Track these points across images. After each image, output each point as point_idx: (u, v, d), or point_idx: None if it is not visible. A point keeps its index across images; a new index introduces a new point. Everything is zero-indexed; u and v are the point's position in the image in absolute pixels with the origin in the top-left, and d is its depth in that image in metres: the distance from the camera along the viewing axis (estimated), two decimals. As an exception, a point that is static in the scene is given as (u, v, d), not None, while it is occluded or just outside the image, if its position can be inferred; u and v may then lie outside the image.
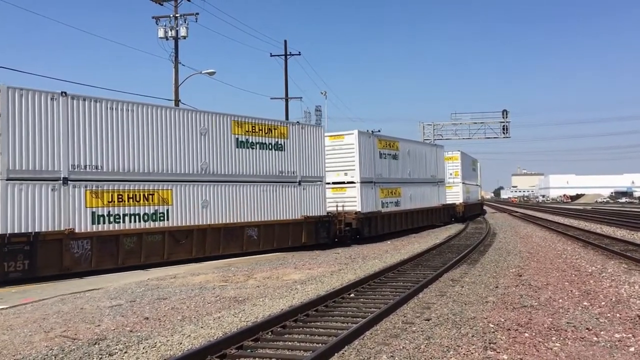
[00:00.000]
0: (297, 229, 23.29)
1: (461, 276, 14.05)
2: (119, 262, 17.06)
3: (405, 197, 32.21)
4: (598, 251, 19.29)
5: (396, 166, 31.44)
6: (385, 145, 30.26)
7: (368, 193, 27.59)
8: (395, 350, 7.36)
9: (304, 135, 24.07)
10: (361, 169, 27.19)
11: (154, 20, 31.84)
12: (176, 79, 31.75)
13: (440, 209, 38.09)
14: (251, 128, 21.84)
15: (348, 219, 26.10)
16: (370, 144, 28.47)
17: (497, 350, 7.34)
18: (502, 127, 61.84)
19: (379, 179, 29.08)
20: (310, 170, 24.15)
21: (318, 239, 24.05)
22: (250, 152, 21.71)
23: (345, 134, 27.68)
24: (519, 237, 26.68)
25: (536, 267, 15.61)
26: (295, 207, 23.30)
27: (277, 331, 8.63)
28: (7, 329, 9.40)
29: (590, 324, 8.74)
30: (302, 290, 12.56)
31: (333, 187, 27.15)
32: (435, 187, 37.38)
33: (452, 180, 44.89)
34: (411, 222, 33.15)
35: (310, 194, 23.99)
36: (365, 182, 27.41)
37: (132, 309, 10.85)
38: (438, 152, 39.01)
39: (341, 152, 27.41)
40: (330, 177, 26.75)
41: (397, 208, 30.89)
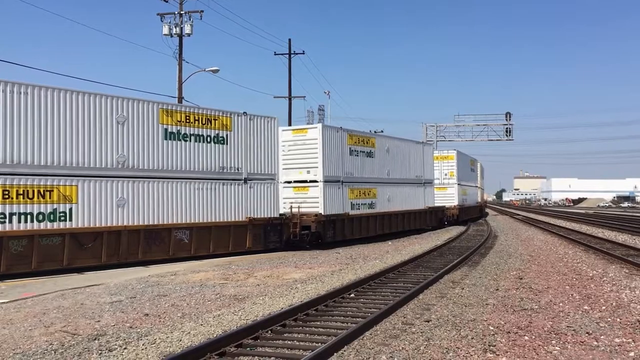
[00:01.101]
0: (240, 232, 20.98)
1: (462, 278, 14.03)
2: (2, 268, 14.91)
3: (382, 199, 29.45)
4: (599, 255, 19.26)
5: (371, 164, 28.77)
6: (357, 142, 27.60)
7: (333, 193, 25.15)
8: (394, 351, 7.36)
9: (252, 128, 21.76)
10: (325, 166, 24.66)
11: (159, 17, 31.91)
12: (180, 76, 31.78)
13: (426, 212, 35.12)
14: (184, 118, 19.51)
15: (306, 221, 23.72)
16: (338, 139, 25.83)
17: (496, 353, 7.33)
18: (505, 129, 61.89)
19: (349, 178, 26.51)
20: (259, 167, 21.93)
21: (267, 244, 21.84)
22: (182, 145, 19.37)
23: (309, 128, 25.54)
24: (520, 240, 26.65)
25: (537, 270, 15.59)
26: (238, 208, 21.03)
27: (277, 330, 8.63)
28: (7, 323, 9.42)
29: (591, 328, 8.73)
30: (302, 290, 12.56)
31: (295, 186, 25.03)
32: (420, 188, 34.49)
33: (446, 181, 42.56)
34: (389, 226, 30.23)
35: (258, 193, 21.75)
36: (331, 181, 24.99)
37: (132, 305, 10.86)
38: (425, 150, 36.11)
39: (304, 148, 24.88)
40: (293, 174, 25.00)
41: (371, 210, 28.20)
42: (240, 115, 21.49)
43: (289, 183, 24.95)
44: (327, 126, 25.91)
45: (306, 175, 24.76)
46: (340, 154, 26.02)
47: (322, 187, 24.37)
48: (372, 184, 28.60)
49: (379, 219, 29.06)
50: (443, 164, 42.52)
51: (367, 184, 28.14)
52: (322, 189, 24.37)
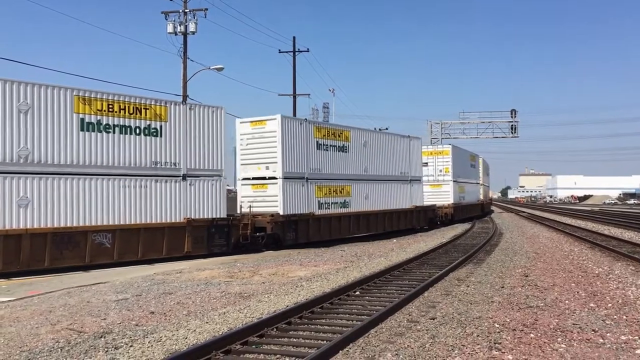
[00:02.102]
0: (177, 235, 18.74)
1: (467, 275, 14.02)
2: None
3: (358, 197, 27.24)
4: (605, 253, 19.19)
5: (345, 160, 26.48)
6: (326, 135, 25.32)
7: (296, 191, 23.07)
8: (400, 349, 7.36)
9: (193, 118, 19.62)
10: (286, 161, 22.62)
11: (164, 15, 31.96)
12: (184, 74, 31.84)
13: (412, 212, 32.41)
14: (107, 107, 17.30)
15: (261, 222, 21.79)
16: (302, 132, 23.73)
17: (502, 351, 7.32)
18: (510, 126, 61.70)
19: (316, 174, 24.33)
20: (202, 162, 19.78)
21: (211, 248, 19.72)
22: (104, 137, 17.21)
23: (268, 119, 23.02)
24: (525, 238, 26.59)
25: (543, 267, 15.56)
26: (175, 207, 18.85)
27: (282, 327, 8.63)
28: (13, 321, 9.47)
29: (597, 325, 8.70)
30: (307, 287, 12.57)
31: (254, 183, 23.15)
32: (406, 185, 31.92)
33: (441, 178, 39.85)
34: (366, 226, 27.94)
35: (200, 191, 19.61)
36: (292, 178, 22.96)
37: (138, 303, 10.90)
38: (412, 145, 33.19)
39: (263, 141, 22.90)
40: (251, 171, 23.16)
41: (344, 210, 26.03)
42: (177, 104, 19.50)
43: (247, 180, 23.28)
44: (288, 117, 23.61)
45: (265, 171, 22.88)
46: (306, 148, 23.88)
47: (282, 184, 22.44)
48: (345, 180, 26.40)
49: (354, 219, 26.85)
50: (437, 160, 40.01)
51: (339, 180, 25.95)
52: (282, 186, 22.43)
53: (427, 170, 38.88)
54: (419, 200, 33.61)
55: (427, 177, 38.79)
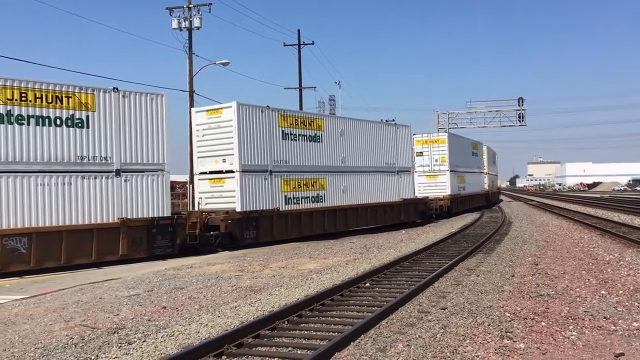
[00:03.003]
0: (109, 237, 16.84)
1: (477, 265, 14.01)
2: None
3: (334, 191, 25.23)
4: (615, 239, 19.11)
5: (317, 151, 24.57)
6: (294, 124, 23.39)
7: (256, 185, 21.28)
8: (411, 339, 7.38)
9: (128, 107, 17.66)
10: (243, 153, 20.82)
11: (168, 11, 31.96)
12: (190, 70, 31.85)
13: (400, 205, 30.09)
14: (19, 95, 15.55)
15: (214, 220, 20.09)
16: (264, 121, 21.89)
17: (513, 339, 7.32)
18: (517, 115, 61.27)
19: (281, 166, 22.50)
20: (140, 156, 17.89)
21: (152, 249, 17.79)
22: (15, 130, 15.45)
23: (223, 107, 21.31)
24: (535, 226, 26.51)
25: (553, 255, 15.52)
26: (107, 207, 16.96)
27: (294, 320, 8.67)
28: (27, 318, 9.56)
29: (608, 312, 8.68)
30: (317, 280, 12.61)
31: (211, 177, 21.54)
32: (392, 177, 29.70)
33: (437, 168, 37.58)
34: (344, 222, 25.78)
35: (137, 187, 17.69)
36: (252, 171, 21.19)
37: (150, 298, 10.98)
38: (400, 133, 30.90)
39: (219, 132, 21.17)
40: (208, 164, 21.54)
41: (317, 205, 24.09)
42: (107, 91, 17.32)
43: (204, 174, 21.74)
44: (246, 105, 21.39)
45: (222, 164, 21.17)
46: (269, 138, 22.07)
47: (239, 178, 20.63)
48: (318, 173, 24.48)
49: (329, 215, 24.84)
50: (433, 149, 37.65)
51: (310, 173, 24.04)
52: (239, 180, 20.62)
53: (422, 160, 37.61)
54: (409, 193, 31.42)
55: (422, 168, 37.43)
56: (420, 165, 37.39)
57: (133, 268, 15.93)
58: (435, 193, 36.54)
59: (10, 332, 8.55)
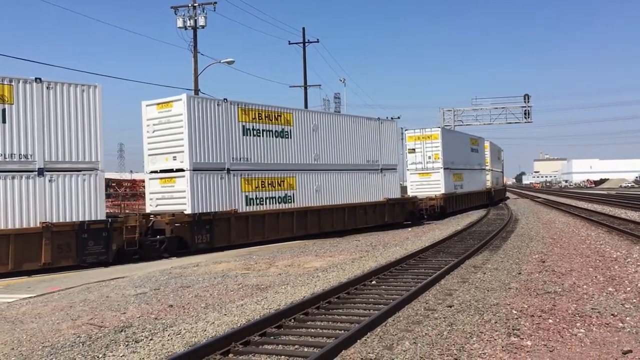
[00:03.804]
0: (30, 243, 15.11)
1: (483, 263, 13.98)
2: None
3: (305, 190, 23.52)
4: (623, 236, 19.02)
5: (286, 147, 22.85)
6: (257, 118, 21.66)
7: (211, 185, 19.69)
8: (417, 337, 7.37)
9: (54, 100, 15.96)
10: (195, 150, 19.23)
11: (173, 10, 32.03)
12: (195, 69, 31.92)
13: (384, 206, 27.99)
14: None
15: (160, 223, 18.38)
16: (220, 115, 20.24)
17: (520, 337, 7.30)
18: (523, 111, 61.22)
19: (242, 164, 20.93)
20: (68, 153, 16.12)
21: (83, 257, 15.97)
22: None
23: (174, 100, 19.58)
24: (541, 223, 26.42)
25: (559, 253, 15.47)
26: (27, 209, 15.27)
27: (300, 318, 8.68)
28: (35, 317, 9.61)
29: (616, 309, 8.65)
30: (323, 278, 12.61)
31: (161, 177, 19.89)
32: (375, 175, 27.79)
33: (430, 165, 35.42)
34: (317, 224, 23.87)
35: (65, 188, 15.92)
36: (206, 170, 19.61)
37: (157, 296, 11.01)
38: (385, 129, 28.84)
39: (169, 127, 19.56)
40: (159, 162, 19.90)
41: (284, 205, 22.44)
42: (28, 82, 15.60)
43: (155, 173, 20.11)
44: (198, 97, 20.01)
45: (172, 162, 19.54)
46: (227, 133, 20.45)
47: (190, 177, 19.04)
48: (286, 171, 22.82)
49: (299, 216, 23.01)
50: (426, 145, 35.54)
51: (277, 171, 22.40)
52: (190, 179, 19.03)
53: (414, 158, 35.86)
54: (394, 192, 29.21)
55: (415, 165, 35.74)
56: (412, 162, 35.80)
57: (139, 267, 15.98)
58: (429, 192, 34.62)
59: (18, 331, 8.60)
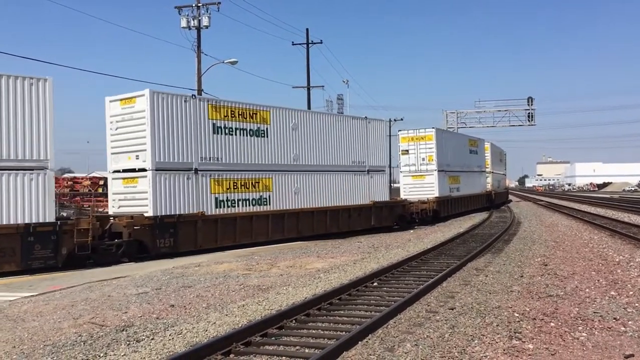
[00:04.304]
0: None
1: (485, 265, 13.95)
2: None
3: (282, 192, 22.31)
4: (626, 240, 18.98)
5: (262, 147, 21.62)
6: (230, 115, 20.48)
7: (176, 186, 18.53)
8: (419, 339, 7.36)
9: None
10: (158, 149, 18.10)
11: (177, 10, 32.07)
12: (199, 69, 31.94)
13: (371, 209, 26.63)
14: None
15: (117, 227, 17.27)
16: (188, 111, 19.09)
17: (522, 340, 7.28)
18: (527, 114, 61.14)
19: (212, 164, 19.78)
20: (12, 150, 15.12)
21: (29, 261, 14.97)
22: None
23: (137, 96, 18.37)
24: (544, 226, 26.38)
25: (562, 256, 15.43)
26: None
27: (301, 319, 8.67)
28: (37, 315, 9.62)
29: (618, 313, 8.62)
30: (325, 279, 12.60)
31: (124, 176, 18.76)
32: (361, 177, 26.38)
33: (424, 167, 33.93)
34: (295, 228, 22.66)
35: (8, 188, 14.91)
36: (171, 169, 18.45)
37: (158, 296, 11.01)
38: (372, 128, 27.45)
39: (132, 124, 18.46)
40: (122, 161, 18.76)
41: (259, 208, 21.25)
42: None
43: (118, 173, 18.98)
44: (163, 93, 18.70)
45: (135, 161, 18.41)
46: (195, 131, 19.30)
47: (152, 177, 17.89)
48: (262, 172, 21.62)
49: (275, 220, 21.80)
50: (420, 146, 34.06)
51: (252, 172, 21.20)
52: (152, 179, 17.89)
53: (407, 159, 34.55)
54: (382, 195, 27.80)
55: (408, 167, 34.43)
56: (406, 164, 34.54)
57: (141, 266, 15.99)
58: (423, 195, 33.13)
59: (19, 329, 8.61)
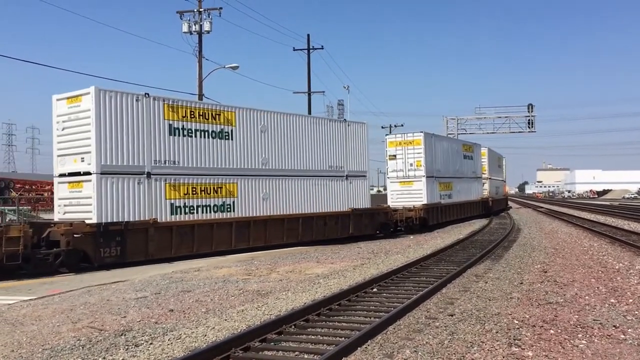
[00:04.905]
0: None
1: (485, 272, 13.94)
2: None
3: (249, 198, 21.10)
4: (625, 248, 18.96)
5: (226, 149, 20.44)
6: (189, 116, 19.22)
7: (125, 191, 17.28)
8: (418, 346, 7.34)
9: None
10: (105, 150, 16.88)
11: (179, 15, 32.15)
12: (200, 73, 32.01)
13: (349, 216, 25.23)
14: None
15: (55, 234, 15.92)
16: (140, 111, 17.81)
17: (521, 347, 7.27)
18: (527, 121, 61.23)
19: (167, 168, 18.46)
20: None
21: None
22: None
23: (83, 94, 17.14)
24: (543, 233, 26.36)
25: (562, 263, 15.42)
26: None
27: (300, 325, 8.66)
28: (35, 319, 9.60)
29: (618, 321, 8.61)
30: (324, 285, 12.59)
31: (70, 180, 17.50)
32: (339, 182, 25.10)
33: (412, 173, 32.32)
34: (263, 236, 21.36)
35: None
36: (119, 173, 17.19)
37: (157, 301, 11.00)
38: (352, 131, 26.13)
39: (78, 124, 17.26)
40: (68, 164, 17.56)
41: (222, 215, 20.02)
42: None
43: (63, 176, 17.74)
44: (110, 91, 17.27)
45: (80, 164, 17.21)
46: (148, 133, 18.01)
47: (97, 181, 16.66)
48: (226, 176, 20.41)
49: (240, 227, 20.52)
50: (407, 151, 32.59)
51: (213, 176, 19.97)
52: (97, 184, 16.65)
53: (395, 165, 33.10)
54: (362, 201, 26.42)
55: (396, 173, 32.97)
56: (393, 170, 33.22)
57: (140, 270, 15.97)
58: (411, 202, 31.69)
59: (18, 333, 8.59)
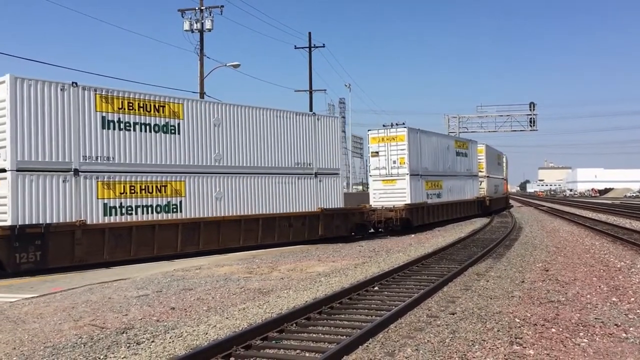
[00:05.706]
0: None
1: (486, 270, 13.93)
2: None
3: (199, 198, 19.45)
4: (627, 246, 18.94)
5: (171, 145, 18.81)
6: (128, 108, 17.69)
7: (47, 190, 15.69)
8: (420, 344, 7.34)
9: None
10: (23, 145, 15.38)
11: (180, 13, 32.17)
12: (201, 72, 32.02)
13: (318, 217, 23.60)
14: None
15: None
16: (67, 102, 16.26)
17: (523, 345, 7.26)
18: (529, 119, 61.10)
19: (99, 164, 16.91)
20: None
21: None
22: None
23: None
24: (545, 232, 26.33)
25: (563, 262, 15.41)
26: None
27: (302, 323, 8.66)
28: (37, 317, 9.62)
29: (619, 320, 8.60)
30: (326, 283, 12.59)
31: None
32: (308, 181, 23.50)
33: (395, 171, 30.43)
34: (216, 239, 19.77)
35: None
36: (40, 170, 15.64)
37: (159, 299, 11.01)
38: (322, 125, 24.46)
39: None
40: None
41: (167, 216, 18.44)
42: None
43: None
44: (30, 79, 15.67)
45: None
46: (75, 126, 16.44)
47: (12, 179, 15.15)
48: (171, 174, 18.78)
49: (187, 230, 18.91)
50: (390, 148, 30.68)
51: (155, 174, 18.32)
52: (12, 182, 15.14)
53: (377, 162, 31.28)
54: (334, 201, 24.66)
55: (379, 171, 31.13)
56: (376, 167, 31.47)
57: (142, 268, 15.99)
58: (394, 201, 29.90)
59: (20, 331, 8.61)
